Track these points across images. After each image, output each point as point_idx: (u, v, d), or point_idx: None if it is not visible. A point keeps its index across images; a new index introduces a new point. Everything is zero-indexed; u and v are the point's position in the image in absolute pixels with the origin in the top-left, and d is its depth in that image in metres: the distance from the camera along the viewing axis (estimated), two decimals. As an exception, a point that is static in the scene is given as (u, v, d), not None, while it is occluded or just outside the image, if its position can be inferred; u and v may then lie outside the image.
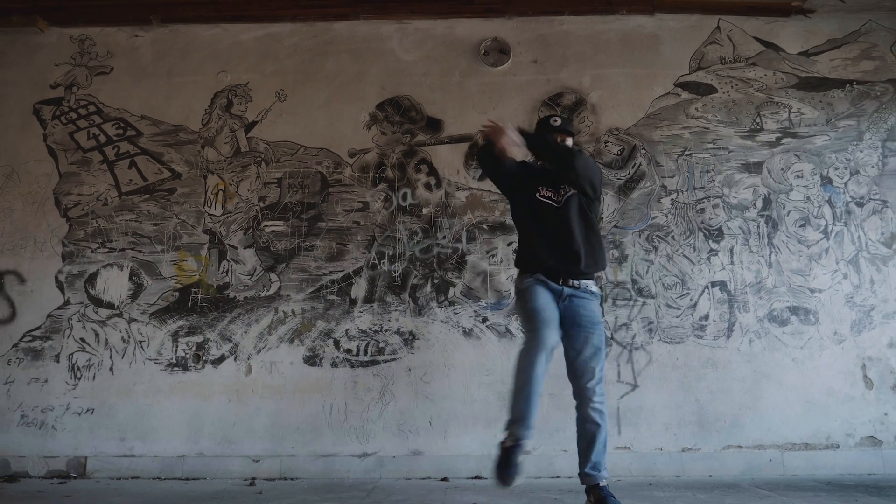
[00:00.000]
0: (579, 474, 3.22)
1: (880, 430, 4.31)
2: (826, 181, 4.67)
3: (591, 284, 3.25)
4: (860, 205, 4.64)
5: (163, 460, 4.39)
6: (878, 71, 4.84)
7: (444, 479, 4.20)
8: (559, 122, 3.43)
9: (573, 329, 3.17)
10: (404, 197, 4.73)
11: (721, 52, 4.90)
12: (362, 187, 4.76)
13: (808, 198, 4.65)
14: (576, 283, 3.19)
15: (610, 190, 4.70)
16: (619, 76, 4.88)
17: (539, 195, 3.33)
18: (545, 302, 3.13)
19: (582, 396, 3.21)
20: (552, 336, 3.05)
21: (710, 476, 4.21)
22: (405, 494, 3.64)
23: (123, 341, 4.61)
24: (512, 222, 4.60)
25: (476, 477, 4.23)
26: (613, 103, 4.84)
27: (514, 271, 4.49)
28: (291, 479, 4.29)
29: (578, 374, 3.21)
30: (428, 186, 4.74)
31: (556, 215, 3.26)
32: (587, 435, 3.20)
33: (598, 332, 3.20)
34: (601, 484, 3.16)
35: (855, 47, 4.87)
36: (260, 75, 4.99)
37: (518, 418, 3.03)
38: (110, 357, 4.58)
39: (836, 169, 4.69)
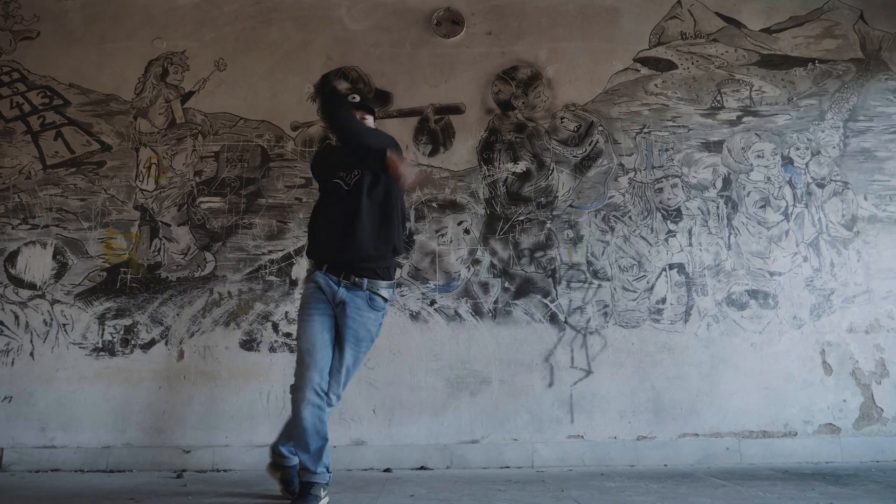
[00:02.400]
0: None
1: (839, 416, 4.18)
2: (787, 161, 4.53)
3: (379, 285, 3.02)
4: (821, 186, 4.50)
5: (86, 451, 4.09)
6: (840, 50, 4.70)
7: (387, 470, 3.97)
8: (358, 98, 3.18)
9: (341, 342, 2.98)
10: (350, 173, 4.47)
11: (682, 28, 4.73)
12: (305, 162, 4.49)
13: (768, 178, 4.51)
14: (357, 279, 2.97)
15: (566, 168, 4.50)
16: (577, 50, 4.68)
17: (334, 179, 3.13)
18: (317, 331, 2.93)
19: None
20: (318, 381, 2.88)
21: (666, 465, 4.05)
22: (339, 487, 3.40)
23: (45, 324, 4.29)
24: (462, 201, 4.44)
25: (421, 468, 4.02)
26: (570, 78, 4.64)
27: (464, 251, 4.34)
28: (224, 470, 4.03)
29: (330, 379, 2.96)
30: (375, 162, 4.48)
31: (345, 200, 3.05)
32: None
33: (361, 348, 3.02)
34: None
35: (817, 25, 4.73)
36: (198, 43, 4.69)
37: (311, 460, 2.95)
38: (31, 341, 4.26)
39: (798, 149, 4.55)
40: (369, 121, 3.24)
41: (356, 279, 2.96)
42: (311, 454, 2.88)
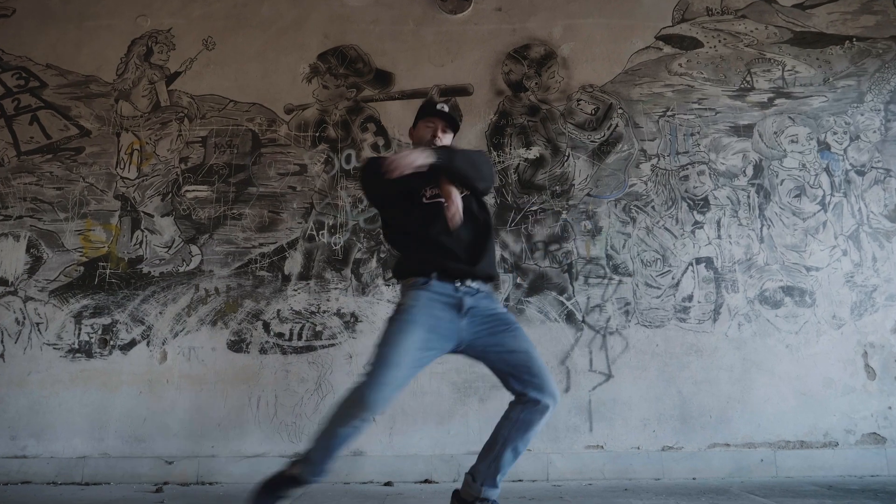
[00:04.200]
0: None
1: (884, 425, 3.80)
2: (823, 147, 4.16)
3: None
4: (861, 173, 4.13)
5: (60, 462, 3.75)
6: (879, 27, 4.33)
7: (388, 484, 3.61)
8: (447, 108, 2.79)
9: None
10: (348, 159, 4.13)
11: (707, 3, 4.37)
12: (300, 148, 4.15)
13: (803, 165, 4.14)
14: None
15: (583, 154, 4.14)
16: (594, 27, 4.32)
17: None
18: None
19: None
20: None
21: (694, 478, 3.67)
22: (336, 502, 3.05)
23: (18, 323, 3.96)
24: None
25: (425, 481, 3.66)
26: (587, 57, 4.28)
27: (472, 244, 3.98)
28: (209, 483, 3.68)
29: None
30: (375, 148, 4.15)
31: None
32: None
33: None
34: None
35: (855, 0, 4.36)
36: (185, 20, 4.36)
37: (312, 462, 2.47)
38: (1, 342, 3.94)
39: (835, 133, 4.18)
40: (447, 139, 2.77)
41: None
42: None
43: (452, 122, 2.76)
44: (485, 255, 2.54)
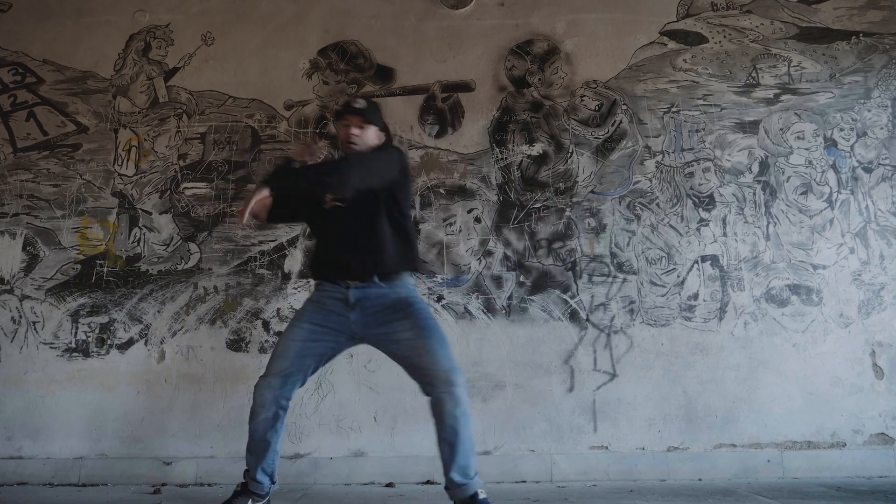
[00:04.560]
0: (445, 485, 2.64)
1: (892, 425, 3.75)
2: (830, 143, 4.11)
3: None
4: (868, 170, 4.08)
5: (56, 463, 3.69)
6: (886, 22, 4.28)
7: (390, 485, 3.56)
8: (357, 104, 2.88)
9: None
10: (349, 156, 4.07)
11: (712, -2, 4.32)
12: (300, 144, 4.09)
13: (810, 162, 4.08)
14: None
15: (586, 150, 4.08)
16: (598, 22, 4.26)
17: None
18: None
19: None
20: None
21: (700, 479, 3.62)
22: (336, 504, 3.00)
23: (14, 322, 3.90)
24: (472, 186, 4.03)
25: (427, 482, 3.61)
26: (591, 53, 4.23)
27: (475, 241, 3.94)
28: (208, 484, 3.62)
29: None
30: (376, 144, 4.08)
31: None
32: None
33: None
34: (480, 495, 2.56)
35: (861, -5, 4.32)
36: (183, 16, 4.30)
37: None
38: (-3, 341, 3.87)
39: (842, 130, 4.12)
40: (368, 134, 2.85)
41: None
42: None
43: (363, 114, 2.80)
44: (372, 255, 2.68)
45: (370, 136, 2.83)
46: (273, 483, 2.81)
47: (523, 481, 3.62)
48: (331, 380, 3.78)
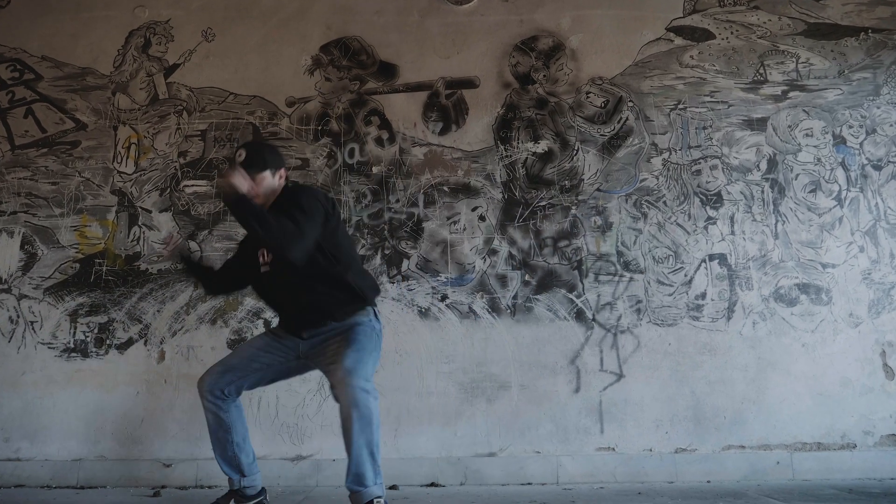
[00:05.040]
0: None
1: (903, 427, 3.70)
2: (839, 141, 4.05)
3: None
4: (878, 168, 4.02)
5: (55, 465, 3.64)
6: (895, 18, 4.23)
7: (393, 487, 3.49)
8: (240, 156, 2.68)
9: None
10: (351, 153, 4.02)
11: (719, -7, 4.27)
12: (302, 141, 4.04)
13: (818, 159, 4.03)
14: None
15: (592, 148, 4.03)
16: (604, 18, 4.21)
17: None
18: None
19: None
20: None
21: (709, 481, 3.57)
22: (339, 507, 2.93)
23: (11, 322, 3.85)
24: (477, 184, 3.98)
25: (431, 484, 3.55)
26: (597, 49, 4.17)
27: (479, 240, 3.89)
28: (209, 486, 3.56)
29: None
30: (379, 141, 4.04)
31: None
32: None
33: None
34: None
35: (870, -9, 4.26)
36: (184, 11, 4.25)
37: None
38: (-5, 341, 3.81)
39: (851, 127, 4.07)
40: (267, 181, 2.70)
41: None
42: None
43: (247, 167, 2.60)
44: (316, 313, 2.66)
45: (266, 184, 2.67)
46: (244, 476, 2.78)
47: (529, 483, 3.56)
48: (333, 380, 3.71)
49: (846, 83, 4.13)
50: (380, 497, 2.44)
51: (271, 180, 2.69)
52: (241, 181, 2.49)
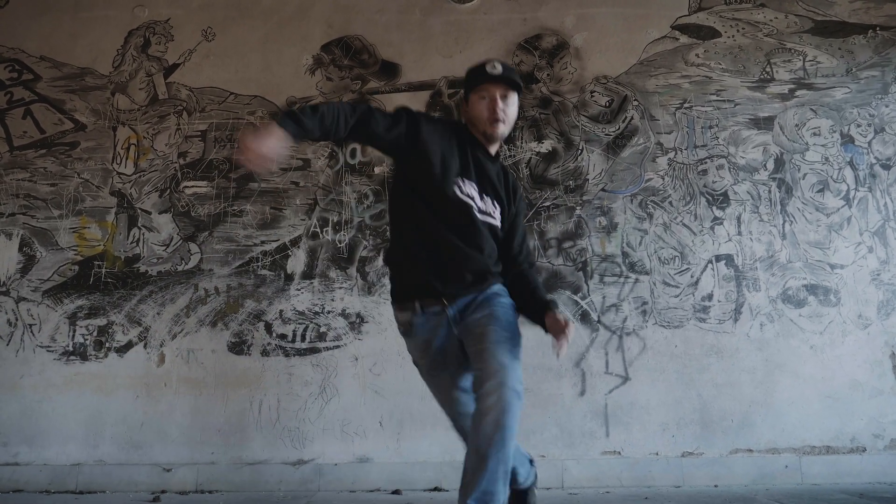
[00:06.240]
0: None
1: (913, 430, 3.64)
2: (847, 140, 4.00)
3: None
4: (886, 167, 3.97)
5: (53, 469, 3.60)
6: (904, 15, 4.17)
7: (396, 492, 3.45)
8: (499, 68, 2.32)
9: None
10: (353, 154, 3.98)
11: (725, -9, 4.22)
12: (302, 143, 3.99)
13: (826, 159, 3.98)
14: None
15: (597, 147, 3.98)
16: (608, 16, 4.16)
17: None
18: None
19: None
20: None
21: (716, 486, 3.51)
22: (341, 513, 2.90)
23: (10, 324, 3.81)
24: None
25: (435, 489, 3.51)
26: (601, 47, 4.13)
27: (483, 241, 3.82)
28: (209, 491, 3.52)
29: None
30: (381, 141, 3.98)
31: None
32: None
33: None
34: None
35: (878, -12, 4.21)
36: (183, 10, 4.21)
37: None
38: (-7, 344, 3.77)
39: (859, 126, 4.02)
40: (512, 106, 2.37)
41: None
42: None
43: (508, 82, 2.31)
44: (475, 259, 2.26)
45: (515, 109, 2.36)
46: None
47: (534, 488, 3.51)
48: (335, 383, 3.68)
49: (854, 81, 4.07)
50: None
51: (516, 106, 2.39)
52: None
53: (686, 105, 4.03)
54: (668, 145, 3.98)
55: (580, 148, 3.98)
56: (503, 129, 2.32)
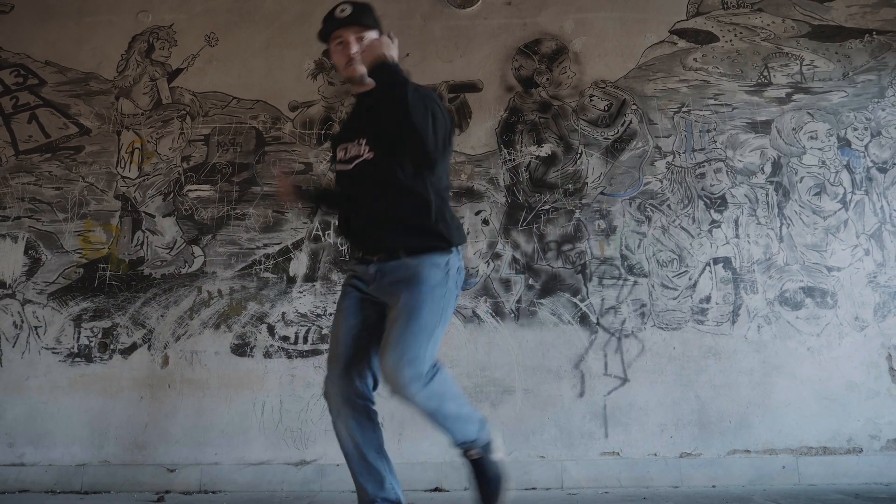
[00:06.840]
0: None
1: (909, 431, 3.67)
2: (844, 143, 4.03)
3: None
4: (883, 170, 4.00)
5: (59, 470, 3.64)
6: (900, 20, 4.21)
7: (397, 492, 3.48)
8: (345, 10, 2.31)
9: None
10: (354, 157, 4.01)
11: (723, -4, 4.26)
12: (305, 146, 4.04)
13: (823, 162, 4.01)
14: None
15: (596, 151, 4.02)
16: (607, 21, 4.20)
17: None
18: None
19: None
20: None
21: (714, 486, 3.55)
22: (343, 513, 2.93)
23: (16, 327, 3.85)
24: (480, 188, 3.97)
25: (435, 489, 3.54)
26: (600, 52, 4.16)
27: (483, 244, 3.87)
28: (213, 492, 3.56)
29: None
30: (383, 145, 4.02)
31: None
32: None
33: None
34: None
35: (874, -8, 4.25)
36: (187, 15, 4.25)
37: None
38: (-1, 346, 3.82)
39: (855, 129, 4.05)
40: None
41: None
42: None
43: (355, 21, 2.28)
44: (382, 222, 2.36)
45: (375, 45, 2.23)
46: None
47: (533, 488, 3.55)
48: (337, 385, 3.71)
49: (851, 85, 4.11)
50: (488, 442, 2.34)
51: (377, 42, 2.28)
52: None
53: (684, 109, 4.07)
54: (667, 149, 4.02)
55: (579, 152, 4.02)
56: (361, 68, 2.25)
